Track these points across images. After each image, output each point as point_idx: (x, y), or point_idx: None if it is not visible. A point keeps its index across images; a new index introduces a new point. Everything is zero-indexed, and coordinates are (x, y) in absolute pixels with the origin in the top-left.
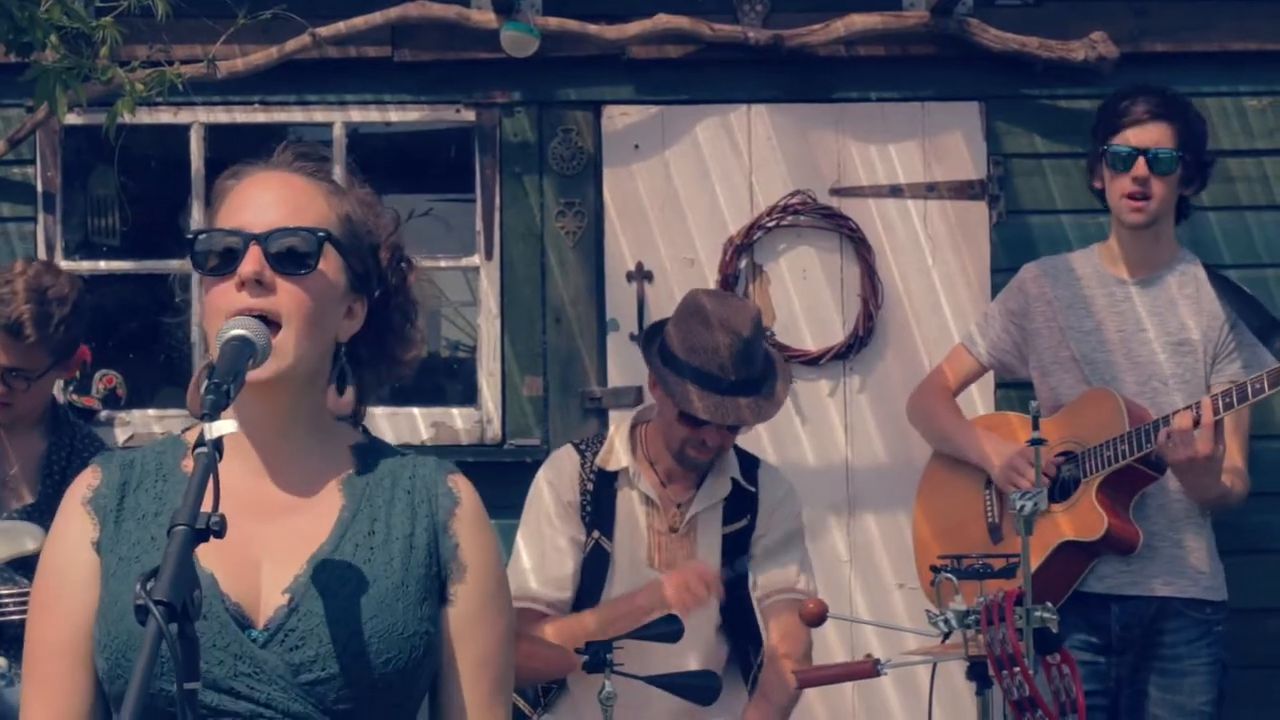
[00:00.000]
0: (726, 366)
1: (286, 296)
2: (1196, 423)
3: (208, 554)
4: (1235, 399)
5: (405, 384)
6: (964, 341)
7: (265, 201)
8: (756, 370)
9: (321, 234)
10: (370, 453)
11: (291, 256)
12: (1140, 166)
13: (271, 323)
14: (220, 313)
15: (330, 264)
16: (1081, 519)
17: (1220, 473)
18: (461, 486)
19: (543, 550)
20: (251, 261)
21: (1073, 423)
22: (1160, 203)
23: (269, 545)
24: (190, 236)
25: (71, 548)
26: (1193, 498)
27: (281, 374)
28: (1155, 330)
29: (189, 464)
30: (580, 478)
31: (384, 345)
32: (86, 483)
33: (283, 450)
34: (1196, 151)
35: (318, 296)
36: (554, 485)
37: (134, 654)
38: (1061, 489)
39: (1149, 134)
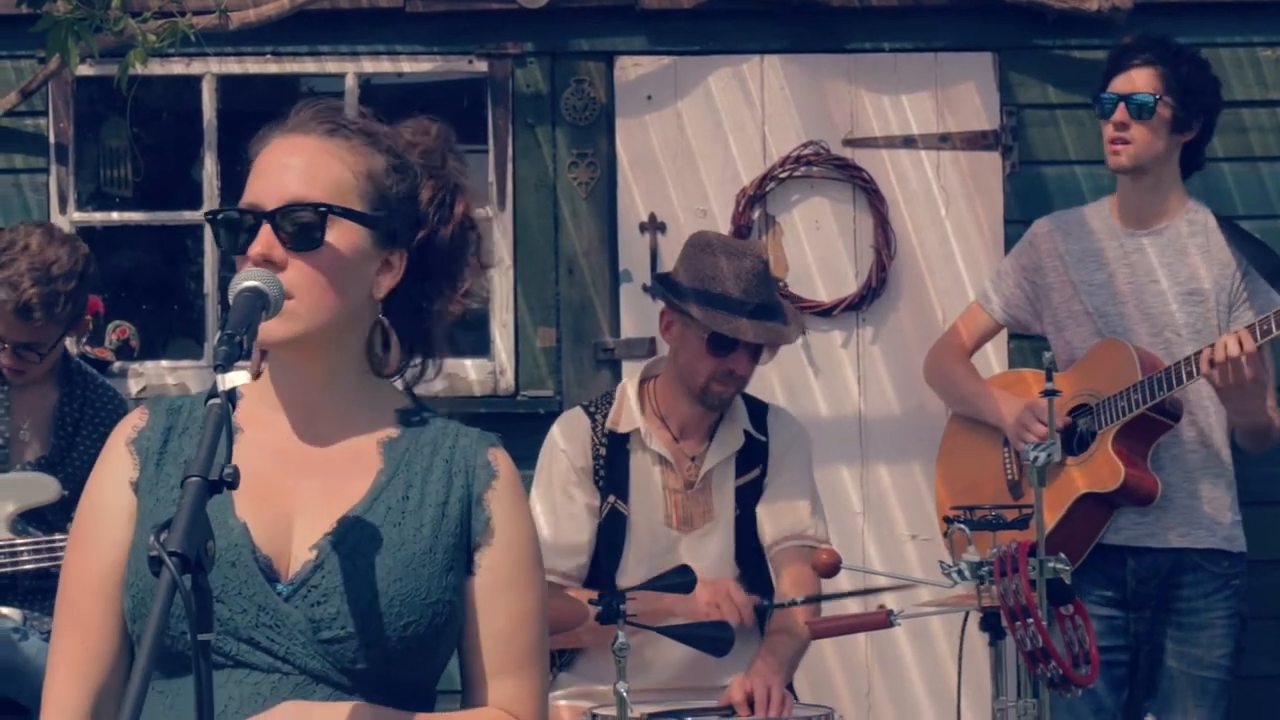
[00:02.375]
0: (750, 289)
1: (296, 273)
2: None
3: (244, 505)
4: (1274, 324)
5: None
6: (978, 299)
7: (279, 171)
8: (774, 296)
9: (323, 209)
10: (415, 417)
11: (301, 231)
12: (1120, 111)
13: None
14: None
15: (343, 232)
16: (1098, 470)
17: (1266, 396)
18: (501, 461)
19: (557, 519)
20: (260, 243)
21: (1086, 375)
22: (1142, 147)
23: (304, 501)
24: (208, 216)
25: (111, 486)
26: (1242, 427)
27: (298, 338)
28: (1166, 280)
29: (239, 416)
30: (592, 442)
31: (425, 291)
32: (133, 423)
33: (325, 408)
34: (1187, 98)
35: (328, 268)
36: (566, 452)
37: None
38: (1079, 442)
39: (1131, 80)
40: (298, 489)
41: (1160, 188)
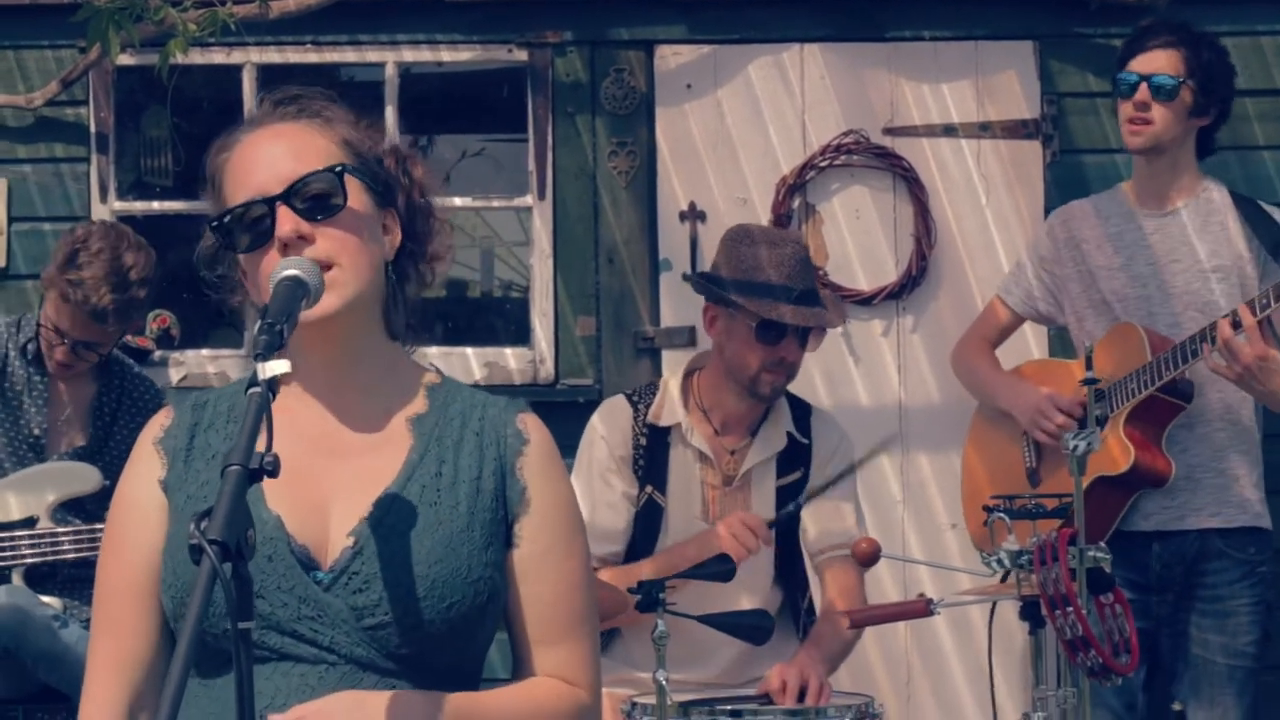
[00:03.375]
0: (792, 275)
1: (327, 241)
2: (1237, 326)
3: (276, 496)
4: (1272, 298)
5: (458, 324)
6: (999, 293)
7: (269, 159)
8: (815, 283)
9: (338, 168)
10: (442, 392)
11: (318, 201)
12: (1142, 91)
13: (325, 266)
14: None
15: (354, 193)
16: (1107, 454)
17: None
18: (531, 426)
19: (594, 505)
20: (286, 222)
21: (1098, 362)
22: (1162, 128)
23: (337, 486)
24: (214, 223)
25: (140, 487)
26: (1273, 407)
27: (349, 304)
28: (1187, 260)
29: None
30: (633, 431)
31: (416, 252)
32: (159, 423)
33: (350, 389)
34: (1206, 82)
35: (356, 228)
36: (606, 439)
37: None
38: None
39: (1153, 61)
40: (329, 474)
41: (1177, 168)
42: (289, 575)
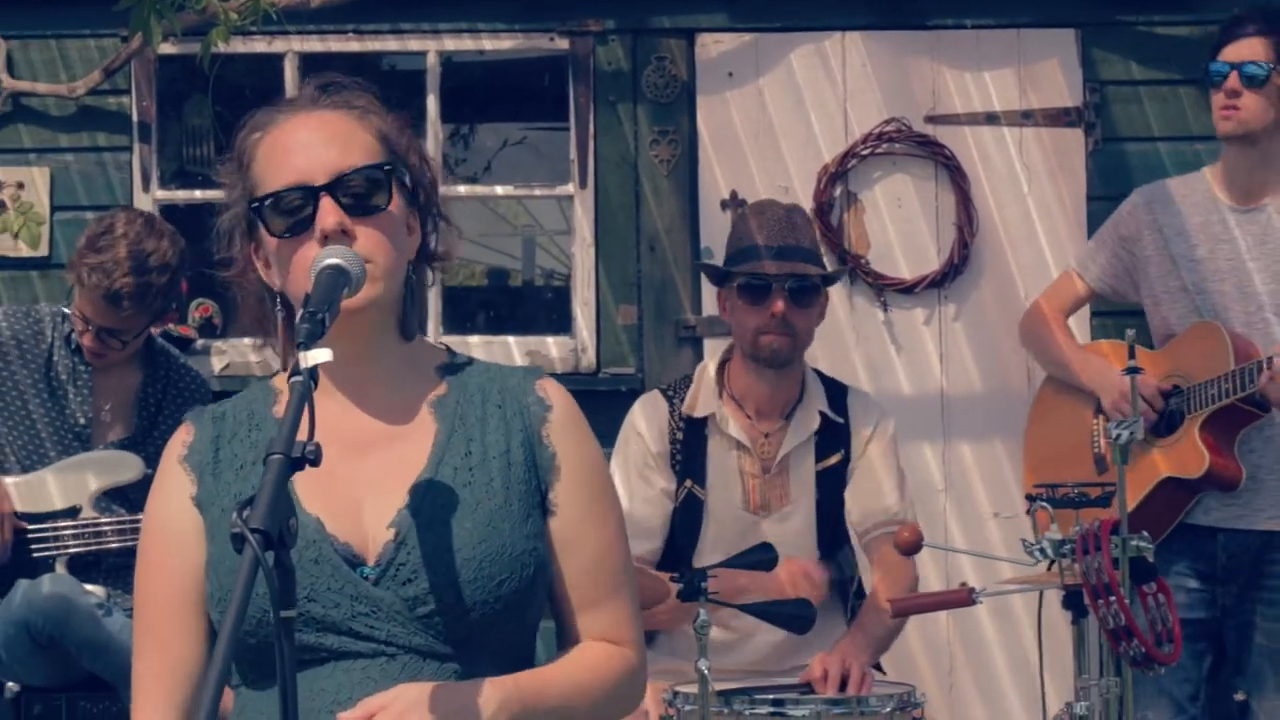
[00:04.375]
0: (774, 233)
1: (366, 238)
2: None
3: (311, 497)
4: None
5: (500, 313)
6: (1074, 266)
7: (313, 146)
8: (804, 239)
9: (388, 167)
10: (457, 370)
11: (364, 198)
12: (1232, 79)
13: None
14: (306, 272)
15: (394, 193)
16: (1183, 456)
17: None
18: (551, 391)
19: (632, 501)
20: (331, 214)
21: (1178, 356)
22: (1253, 114)
23: (369, 480)
24: (254, 204)
25: (173, 506)
26: None
27: (375, 302)
28: (1265, 259)
29: (280, 410)
30: (669, 426)
31: (431, 249)
32: (181, 440)
33: (371, 381)
34: None
35: (392, 227)
36: (642, 436)
37: None
38: (1168, 423)
39: (1243, 49)
40: (360, 469)
41: (1267, 162)
42: (337, 575)
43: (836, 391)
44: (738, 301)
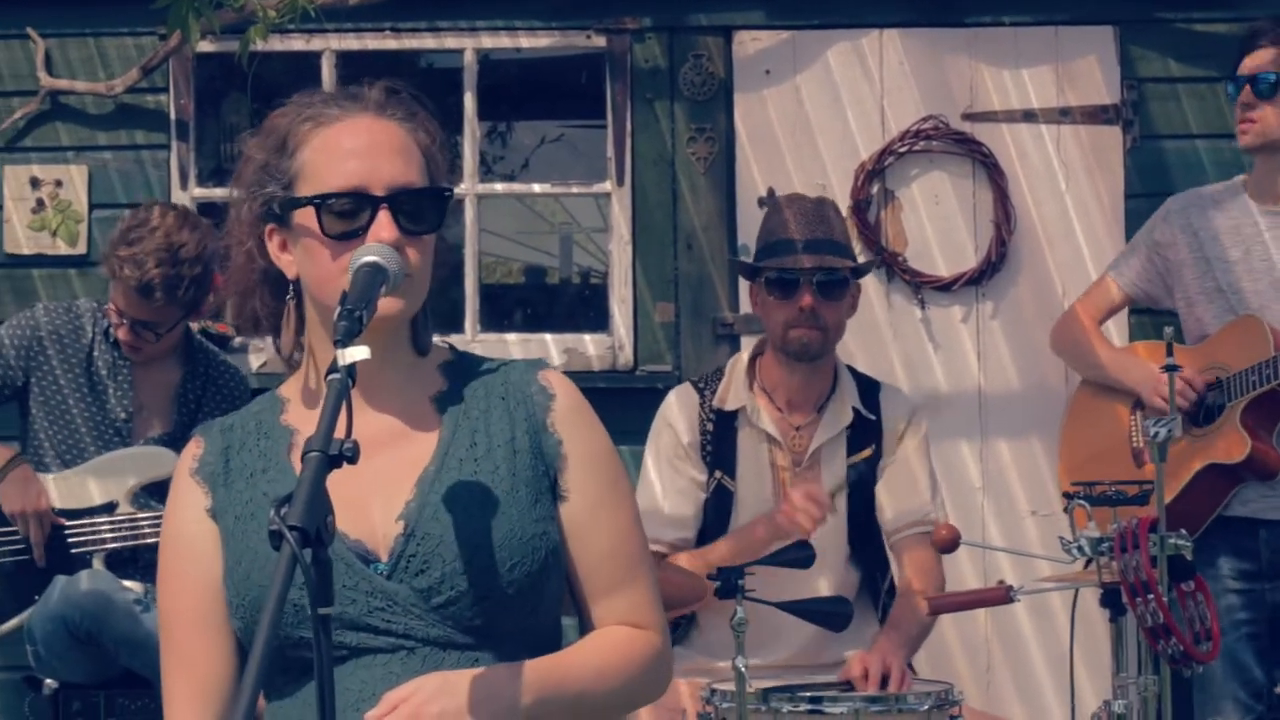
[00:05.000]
0: (802, 226)
1: (413, 257)
2: None
3: None
4: None
5: (537, 310)
6: (1109, 272)
7: (376, 155)
8: (834, 232)
9: (448, 193)
10: (459, 368)
11: (417, 217)
12: (1246, 92)
13: None
14: (342, 276)
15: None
16: (1224, 443)
17: None
18: (554, 382)
19: (663, 492)
20: (389, 229)
21: (1217, 350)
22: (1270, 125)
23: (377, 478)
24: (315, 202)
25: (188, 520)
26: None
27: (402, 314)
28: None
29: (288, 417)
30: (700, 418)
31: (441, 266)
32: (191, 454)
33: (379, 385)
34: None
35: (430, 249)
36: (673, 427)
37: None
38: (1206, 415)
39: (1255, 59)
40: (368, 469)
41: None
42: (350, 572)
43: (869, 387)
44: (767, 296)
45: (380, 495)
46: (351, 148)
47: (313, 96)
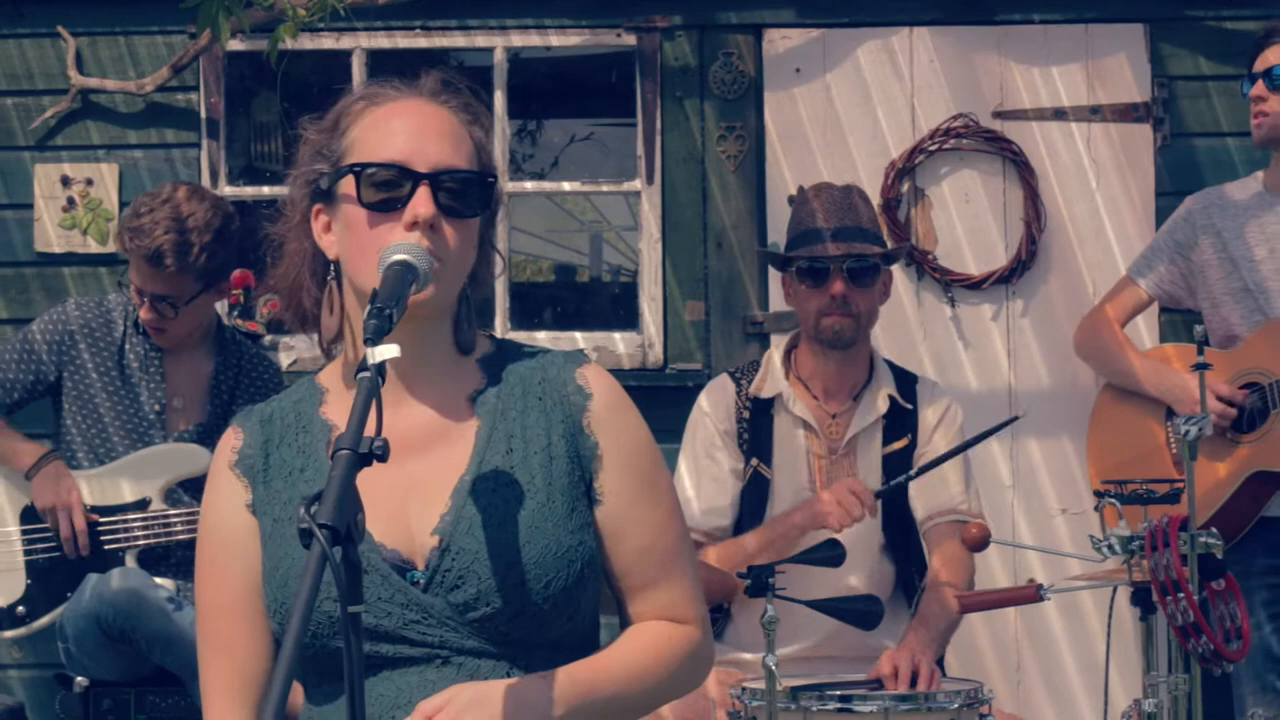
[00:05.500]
0: (831, 214)
1: (450, 239)
2: None
3: None
4: None
5: (567, 308)
6: (1130, 274)
7: (423, 135)
8: (862, 219)
9: (491, 179)
10: (497, 361)
11: (458, 200)
12: (1258, 87)
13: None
14: (379, 251)
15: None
16: (1273, 449)
17: None
18: (593, 380)
19: (700, 480)
20: (427, 204)
21: (1253, 355)
22: (1277, 118)
23: (413, 482)
24: (355, 170)
25: (228, 512)
26: None
27: (435, 300)
28: None
29: (326, 410)
30: (736, 406)
31: (481, 270)
32: (230, 445)
33: (416, 382)
34: None
35: (469, 236)
36: (710, 415)
37: None
38: (1249, 421)
39: (1267, 58)
40: (404, 471)
41: None
42: (386, 584)
43: (905, 379)
44: (799, 285)
45: (416, 502)
46: (400, 126)
47: (372, 83)
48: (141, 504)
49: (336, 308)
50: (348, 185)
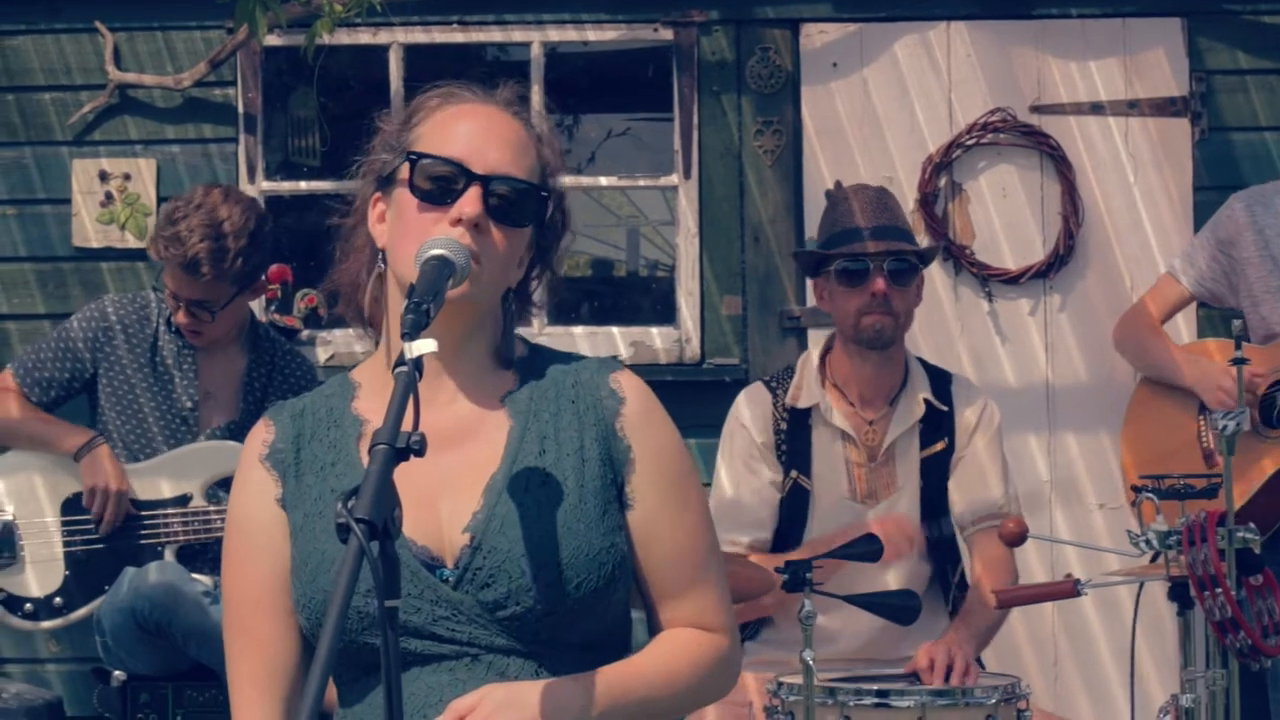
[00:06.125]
0: (868, 213)
1: (494, 242)
2: None
3: None
4: None
5: (604, 303)
6: (1170, 271)
7: (486, 139)
8: (897, 218)
9: (545, 193)
10: (532, 365)
11: (510, 206)
12: None
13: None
14: (422, 241)
15: (533, 219)
16: None
17: None
18: (626, 384)
19: (739, 493)
20: (475, 204)
21: None
22: None
23: (445, 479)
24: (410, 156)
25: (257, 506)
26: None
27: (471, 299)
28: None
29: (359, 405)
30: (773, 418)
31: (527, 293)
32: (260, 438)
33: (450, 378)
34: None
35: (515, 245)
36: (747, 428)
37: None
38: (1278, 416)
39: None
40: (436, 468)
41: None
42: (416, 580)
43: (940, 379)
44: (836, 286)
45: (447, 498)
46: (467, 127)
47: (452, 83)
48: (182, 500)
49: (382, 299)
50: (404, 172)
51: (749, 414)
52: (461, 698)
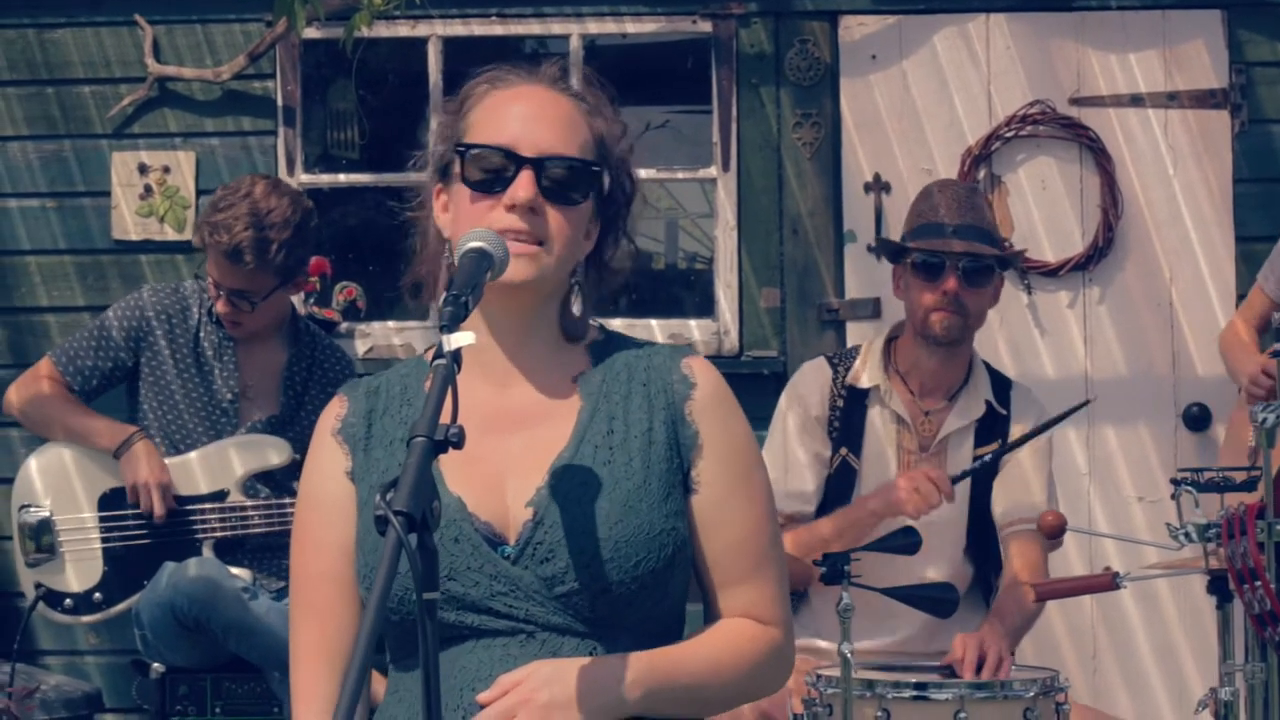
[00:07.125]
0: (953, 211)
1: (552, 223)
2: None
3: (455, 477)
4: None
5: (643, 296)
6: (1259, 278)
7: (534, 121)
8: (983, 219)
9: (596, 168)
10: (605, 348)
11: (564, 186)
12: None
13: (535, 241)
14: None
15: (590, 193)
16: None
17: None
18: (698, 370)
19: (786, 464)
20: (527, 188)
21: None
22: None
23: (512, 458)
24: (459, 149)
25: (329, 479)
26: None
27: (534, 280)
28: None
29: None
30: (831, 392)
31: (604, 258)
32: (335, 413)
33: (521, 360)
34: None
35: (577, 224)
36: (803, 399)
37: None
38: None
39: None
40: (503, 447)
41: None
42: (476, 554)
43: (1001, 384)
44: (912, 278)
45: (514, 476)
46: (515, 111)
47: (498, 66)
48: (219, 495)
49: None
50: (457, 165)
51: (808, 386)
52: (510, 673)
